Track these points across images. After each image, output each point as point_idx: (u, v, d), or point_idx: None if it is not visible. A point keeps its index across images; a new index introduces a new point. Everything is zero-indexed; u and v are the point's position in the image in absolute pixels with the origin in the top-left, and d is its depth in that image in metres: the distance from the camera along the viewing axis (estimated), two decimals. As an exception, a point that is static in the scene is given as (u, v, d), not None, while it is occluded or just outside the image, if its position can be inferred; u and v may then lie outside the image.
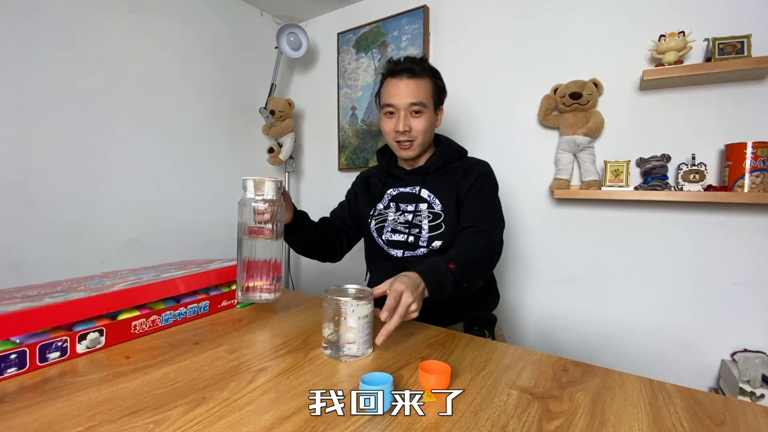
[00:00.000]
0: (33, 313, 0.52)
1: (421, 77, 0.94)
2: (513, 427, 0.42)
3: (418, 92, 0.93)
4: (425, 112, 0.94)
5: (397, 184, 1.04)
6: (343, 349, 0.58)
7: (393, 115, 0.95)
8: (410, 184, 1.02)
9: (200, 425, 0.41)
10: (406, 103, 0.92)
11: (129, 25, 1.54)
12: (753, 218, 1.18)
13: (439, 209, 0.97)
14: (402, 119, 0.93)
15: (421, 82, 0.94)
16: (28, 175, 1.31)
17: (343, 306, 0.58)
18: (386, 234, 1.02)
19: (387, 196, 1.05)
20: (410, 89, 0.92)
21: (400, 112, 0.93)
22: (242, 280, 0.72)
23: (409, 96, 0.92)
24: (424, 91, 0.94)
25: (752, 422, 0.45)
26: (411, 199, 1.00)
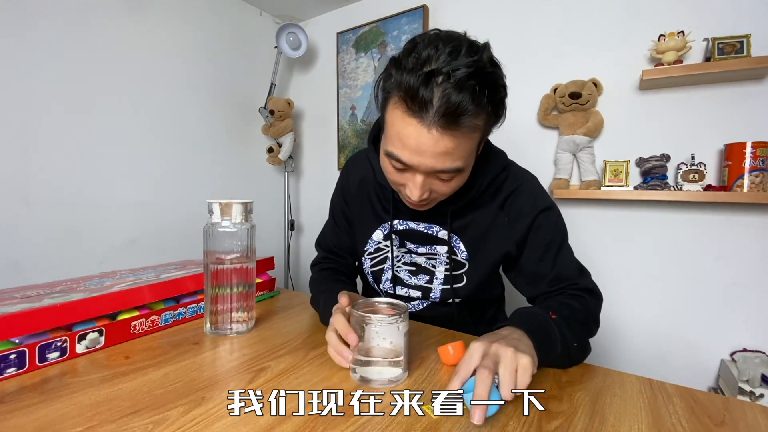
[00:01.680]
0: (32, 314, 0.52)
1: (467, 128, 0.52)
2: (513, 426, 0.42)
3: (457, 154, 0.54)
4: (462, 174, 0.58)
5: (407, 216, 0.72)
6: (372, 372, 0.51)
7: (404, 171, 0.58)
8: (425, 221, 0.71)
9: (200, 425, 0.41)
10: (430, 168, 0.55)
11: (128, 25, 1.54)
12: (752, 218, 1.18)
13: (463, 257, 0.71)
14: (419, 186, 0.57)
15: (467, 134, 0.53)
16: (28, 175, 1.31)
17: (374, 324, 0.50)
18: (384, 284, 0.78)
19: (389, 227, 0.74)
20: (442, 149, 0.52)
21: (416, 175, 0.57)
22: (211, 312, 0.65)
23: (439, 160, 0.53)
24: (467, 149, 0.55)
25: (752, 422, 0.45)
26: (424, 240, 0.72)
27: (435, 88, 0.49)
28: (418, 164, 0.54)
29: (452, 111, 0.49)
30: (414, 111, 0.51)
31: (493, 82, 0.52)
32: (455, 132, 0.51)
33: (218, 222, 0.65)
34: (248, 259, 0.67)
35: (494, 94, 0.52)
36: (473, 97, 0.49)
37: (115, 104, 1.51)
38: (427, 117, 0.50)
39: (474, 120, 0.51)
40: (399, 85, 0.51)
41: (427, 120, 0.50)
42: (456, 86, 0.48)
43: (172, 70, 1.70)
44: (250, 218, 0.68)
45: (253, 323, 0.70)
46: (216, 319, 0.66)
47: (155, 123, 1.65)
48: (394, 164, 0.57)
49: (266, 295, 0.90)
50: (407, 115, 0.52)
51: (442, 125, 0.50)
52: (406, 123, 0.52)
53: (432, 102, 0.49)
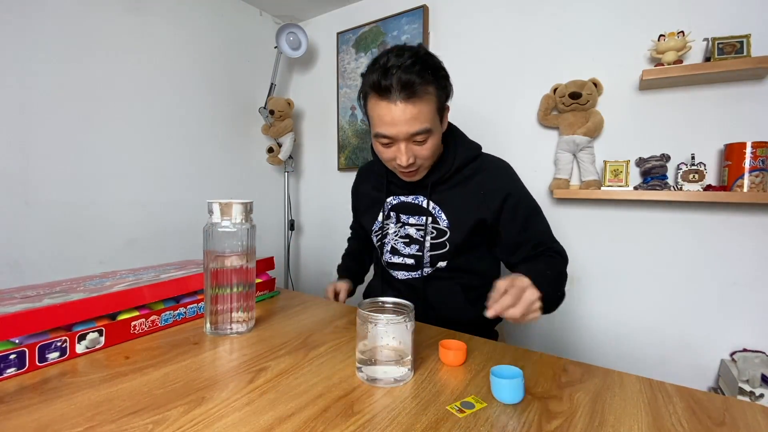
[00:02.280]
0: (32, 314, 0.52)
1: (422, 95, 0.72)
2: (513, 426, 0.42)
3: (421, 116, 0.73)
4: (432, 136, 0.76)
5: (399, 191, 0.91)
6: (378, 372, 0.51)
7: (390, 145, 0.77)
8: (414, 193, 0.89)
9: (200, 425, 0.41)
10: (406, 134, 0.73)
11: (128, 25, 1.54)
12: (752, 218, 1.18)
13: (444, 225, 0.84)
14: (404, 152, 0.76)
15: (423, 100, 0.72)
16: (28, 175, 1.31)
17: (382, 323, 0.51)
18: (386, 255, 0.92)
19: (387, 206, 0.92)
20: (409, 116, 0.72)
21: (399, 144, 0.76)
22: (211, 313, 0.66)
23: (409, 125, 0.72)
24: (428, 112, 0.74)
25: (752, 422, 0.45)
26: (414, 211, 0.88)
27: (391, 76, 0.70)
28: (396, 133, 0.74)
29: (407, 85, 0.70)
30: (382, 95, 0.72)
31: (431, 64, 0.74)
32: (414, 100, 0.71)
33: (218, 222, 0.65)
34: (248, 259, 0.67)
35: (435, 72, 0.75)
36: (419, 74, 0.70)
37: (115, 104, 1.51)
38: (391, 96, 0.71)
39: (425, 88, 0.72)
40: (369, 84, 0.74)
41: (392, 98, 0.71)
42: (404, 70, 0.70)
43: (172, 70, 1.70)
44: (250, 218, 0.68)
45: (253, 323, 0.70)
46: (216, 319, 0.66)
47: (155, 123, 1.65)
48: (382, 141, 0.77)
49: (266, 295, 0.90)
50: (379, 100, 0.73)
51: (404, 97, 0.71)
52: (379, 106, 0.73)
53: (392, 84, 0.70)
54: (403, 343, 0.52)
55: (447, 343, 0.60)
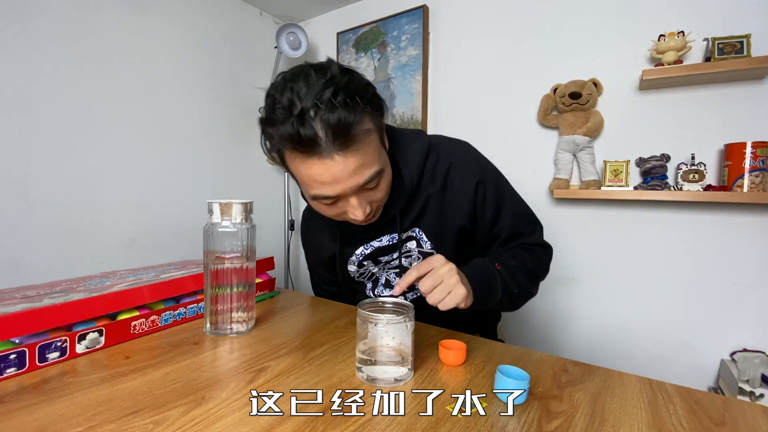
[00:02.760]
0: (32, 314, 0.52)
1: (361, 136, 0.54)
2: (513, 426, 0.42)
3: (368, 160, 0.56)
4: (384, 174, 0.61)
5: (364, 240, 0.76)
6: (378, 371, 0.51)
7: (335, 202, 0.60)
8: (383, 233, 0.74)
9: (200, 425, 0.41)
10: (356, 187, 0.57)
11: (128, 25, 1.54)
12: (752, 218, 1.18)
13: (428, 247, 0.74)
14: (357, 206, 0.60)
15: (365, 141, 0.55)
16: (28, 175, 1.31)
17: (382, 323, 0.51)
18: (378, 289, 0.83)
19: (357, 257, 0.78)
20: (352, 167, 0.55)
21: (348, 198, 0.59)
22: (211, 313, 0.65)
23: (357, 177, 0.56)
24: (373, 152, 0.58)
25: (752, 422, 0.45)
26: (392, 249, 0.76)
27: (312, 122, 0.51)
28: (343, 191, 0.57)
29: (338, 131, 0.51)
30: (309, 152, 0.53)
31: (354, 88, 0.54)
32: (353, 146, 0.53)
33: (218, 222, 0.65)
34: (248, 259, 0.67)
35: (363, 95, 0.54)
36: (347, 108, 0.51)
37: (115, 104, 1.51)
38: (321, 149, 0.52)
39: (361, 126, 0.54)
40: (282, 138, 0.54)
41: (324, 152, 0.52)
42: (327, 109, 0.50)
43: (172, 70, 1.70)
44: (250, 218, 0.68)
45: (253, 323, 0.70)
46: (216, 319, 0.66)
47: (155, 123, 1.65)
48: (324, 202, 0.61)
49: (266, 295, 0.90)
50: (306, 158, 0.54)
51: (339, 147, 0.52)
52: (309, 165, 0.54)
53: (318, 135, 0.51)
54: (403, 343, 0.52)
55: (447, 343, 0.60)
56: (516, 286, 0.66)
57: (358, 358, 0.53)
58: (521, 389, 0.47)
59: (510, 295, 0.66)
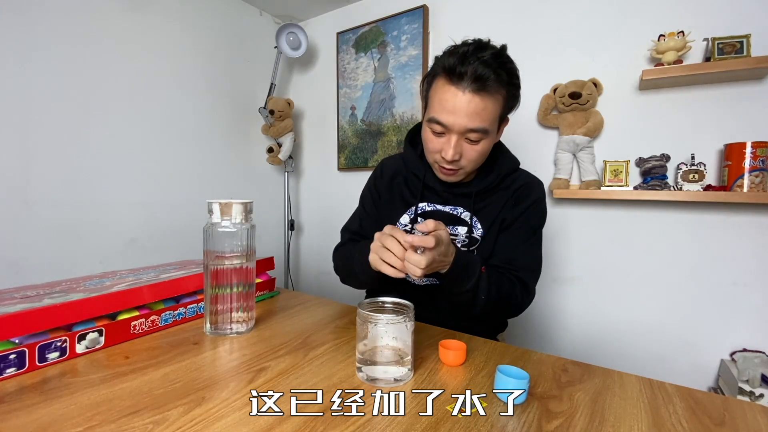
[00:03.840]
0: (32, 314, 0.52)
1: (493, 93, 0.68)
2: (513, 426, 0.42)
3: (484, 114, 0.69)
4: (486, 139, 0.72)
5: (434, 198, 0.85)
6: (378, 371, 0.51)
7: (441, 135, 0.72)
8: (451, 203, 0.83)
9: (200, 425, 0.41)
10: (463, 127, 0.69)
11: (128, 25, 1.54)
12: (752, 218, 1.18)
13: (479, 234, 0.82)
14: (453, 145, 0.71)
15: (492, 99, 0.68)
16: (28, 175, 1.31)
17: (382, 323, 0.51)
18: None
19: (418, 210, 0.85)
20: (473, 109, 0.68)
21: (452, 136, 0.71)
22: (211, 313, 0.66)
23: (470, 119, 0.68)
24: (491, 113, 0.69)
25: (751, 422, 0.45)
26: (448, 220, 0.83)
27: (468, 65, 0.66)
28: (453, 123, 0.69)
29: (481, 78, 0.66)
30: (453, 81, 0.68)
31: (509, 69, 0.70)
32: (483, 94, 0.67)
33: (218, 222, 0.65)
34: (248, 259, 0.67)
35: (511, 78, 0.70)
36: (496, 72, 0.66)
37: (115, 104, 1.51)
38: (462, 84, 0.67)
39: (496, 88, 0.68)
40: (442, 65, 0.69)
41: (462, 86, 0.67)
42: (483, 63, 0.66)
43: (172, 70, 1.70)
44: (250, 218, 0.68)
45: (253, 323, 0.70)
46: (216, 319, 0.66)
47: (155, 123, 1.65)
48: (434, 128, 0.72)
49: (266, 295, 0.90)
50: (448, 84, 0.69)
51: (473, 89, 0.67)
52: (446, 89, 0.69)
53: (467, 73, 0.66)
54: (403, 343, 0.52)
55: (447, 343, 0.60)
56: (485, 294, 0.72)
57: (358, 358, 0.53)
58: (521, 389, 0.47)
59: (474, 296, 0.72)
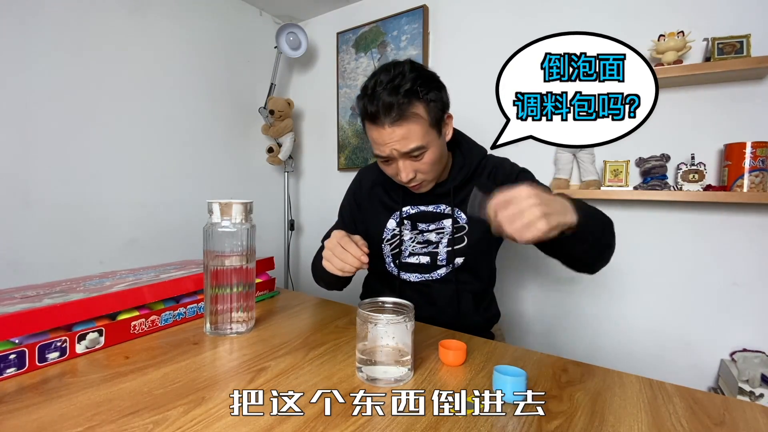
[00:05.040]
0: (32, 314, 0.52)
1: (408, 116, 0.70)
2: (513, 426, 0.42)
3: (412, 135, 0.72)
4: (429, 150, 0.75)
5: (416, 201, 0.88)
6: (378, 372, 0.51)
7: (389, 162, 0.77)
8: (434, 203, 0.87)
9: (200, 425, 0.41)
10: (400, 153, 0.73)
11: (128, 25, 1.54)
12: (752, 218, 1.18)
13: (463, 222, 0.86)
14: (403, 169, 0.76)
15: (412, 119, 0.71)
16: (28, 175, 1.30)
17: (382, 323, 0.51)
18: (403, 258, 0.90)
19: (402, 214, 0.89)
20: (399, 137, 0.71)
21: (397, 161, 0.76)
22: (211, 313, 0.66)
23: (401, 145, 0.72)
24: (419, 130, 0.72)
25: (751, 422, 0.45)
26: (432, 218, 0.87)
27: (376, 101, 0.70)
28: (390, 153, 0.74)
29: (390, 107, 0.69)
30: (372, 121, 0.73)
31: (413, 86, 0.70)
32: (401, 121, 0.70)
33: (218, 222, 0.65)
34: (248, 259, 0.67)
35: (426, 85, 0.72)
36: (405, 94, 0.69)
37: (115, 104, 1.51)
38: (379, 120, 0.71)
39: (411, 108, 0.70)
40: (361, 110, 0.75)
41: (380, 122, 0.71)
42: (389, 92, 0.69)
43: (172, 70, 1.70)
44: (250, 218, 0.68)
45: (253, 323, 0.70)
46: (216, 319, 0.66)
47: (155, 123, 1.64)
48: (381, 161, 0.79)
49: (266, 295, 0.91)
50: (370, 124, 0.74)
51: (390, 121, 0.70)
52: (371, 130, 0.75)
53: (379, 109, 0.70)
54: (404, 343, 0.52)
55: (447, 343, 0.60)
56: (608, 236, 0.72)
57: (358, 358, 0.54)
58: (520, 389, 0.47)
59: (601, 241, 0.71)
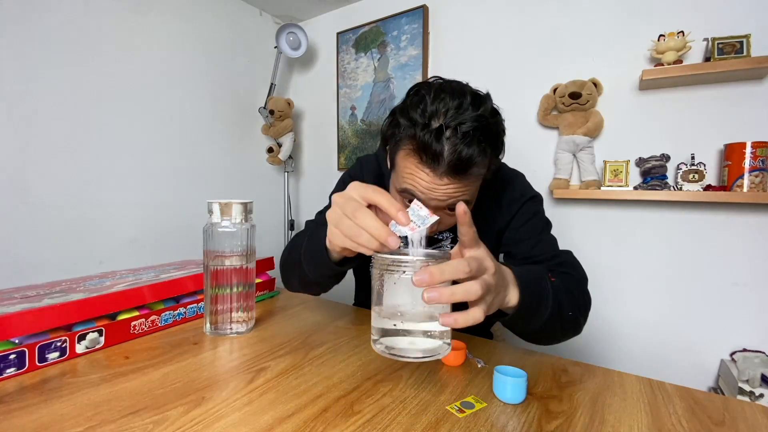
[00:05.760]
0: (32, 314, 0.52)
1: (474, 173, 0.57)
2: (512, 426, 0.42)
3: (466, 191, 0.59)
4: (471, 204, 0.63)
5: None
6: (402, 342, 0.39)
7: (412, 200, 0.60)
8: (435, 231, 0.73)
9: (200, 425, 0.41)
10: (441, 205, 0.59)
11: (128, 26, 1.54)
12: (752, 218, 1.18)
13: None
14: None
15: (473, 177, 0.58)
16: (28, 175, 1.31)
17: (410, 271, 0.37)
18: None
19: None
20: (452, 191, 0.57)
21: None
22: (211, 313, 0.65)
23: (449, 197, 0.58)
24: (475, 187, 0.61)
25: (751, 422, 0.45)
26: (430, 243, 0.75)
27: (445, 142, 0.53)
28: (428, 201, 0.58)
29: (462, 164, 0.54)
30: (427, 163, 0.55)
31: (495, 133, 0.57)
32: (464, 178, 0.56)
33: (218, 222, 0.65)
34: (248, 259, 0.67)
35: (497, 142, 0.58)
36: (480, 148, 0.54)
37: (114, 104, 1.51)
38: (438, 168, 0.54)
39: (480, 168, 0.57)
40: (412, 137, 0.55)
41: (439, 170, 0.55)
42: (464, 141, 0.53)
43: (172, 70, 1.70)
44: (249, 218, 0.68)
45: (253, 323, 0.70)
46: (216, 319, 0.66)
47: (155, 123, 1.65)
48: (407, 197, 0.60)
49: (266, 295, 0.90)
50: (421, 165, 0.56)
51: (452, 174, 0.55)
52: (419, 170, 0.56)
53: (443, 155, 0.53)
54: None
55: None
56: (570, 308, 0.56)
57: (375, 329, 0.41)
58: (520, 389, 0.47)
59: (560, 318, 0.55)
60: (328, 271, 0.59)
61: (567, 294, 0.58)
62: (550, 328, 0.56)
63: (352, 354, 0.60)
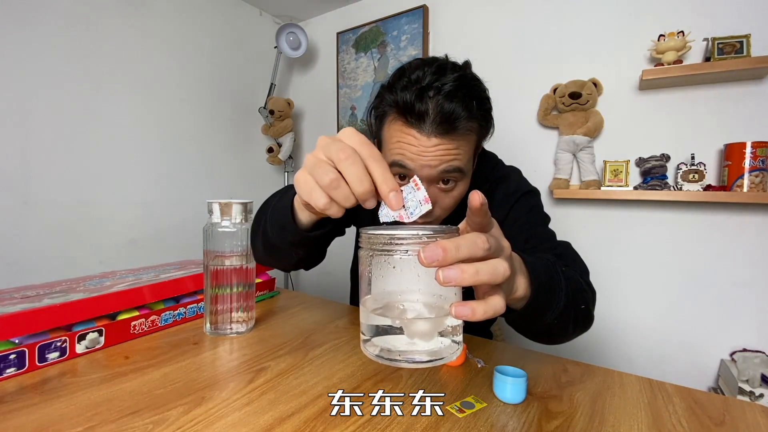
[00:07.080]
0: (32, 314, 0.52)
1: (463, 132, 0.55)
2: (512, 426, 0.42)
3: (458, 154, 0.56)
4: (462, 180, 0.60)
5: None
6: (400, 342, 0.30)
7: (405, 179, 0.59)
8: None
9: (200, 425, 0.41)
10: (434, 173, 0.56)
11: (128, 25, 1.54)
12: (752, 218, 1.18)
13: None
14: None
15: (463, 137, 0.56)
16: (27, 175, 1.31)
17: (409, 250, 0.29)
18: None
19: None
20: (443, 151, 0.55)
21: None
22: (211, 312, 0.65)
23: (441, 162, 0.55)
24: (466, 152, 0.58)
25: (751, 422, 0.45)
26: None
27: (429, 101, 0.53)
28: (420, 167, 0.56)
29: (447, 118, 0.53)
30: (412, 123, 0.55)
31: (478, 94, 0.58)
32: (453, 135, 0.55)
33: (218, 222, 0.65)
34: (248, 259, 0.67)
35: (481, 104, 0.58)
36: (464, 104, 0.54)
37: (114, 104, 1.51)
38: (425, 127, 0.54)
39: (468, 123, 0.56)
40: (395, 103, 0.56)
41: (425, 129, 0.54)
42: (447, 97, 0.53)
43: (172, 69, 1.70)
44: (249, 218, 0.68)
45: (253, 323, 0.70)
46: (216, 319, 0.66)
47: (155, 123, 1.65)
48: (398, 171, 0.59)
49: (266, 295, 0.90)
50: (406, 127, 0.55)
51: (440, 132, 0.54)
52: (406, 134, 0.56)
53: (428, 113, 0.53)
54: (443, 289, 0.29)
55: None
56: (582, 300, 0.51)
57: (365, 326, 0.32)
58: (520, 389, 0.47)
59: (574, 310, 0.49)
60: (290, 235, 0.51)
61: (577, 284, 0.52)
62: (564, 321, 0.49)
63: (352, 354, 0.60)
